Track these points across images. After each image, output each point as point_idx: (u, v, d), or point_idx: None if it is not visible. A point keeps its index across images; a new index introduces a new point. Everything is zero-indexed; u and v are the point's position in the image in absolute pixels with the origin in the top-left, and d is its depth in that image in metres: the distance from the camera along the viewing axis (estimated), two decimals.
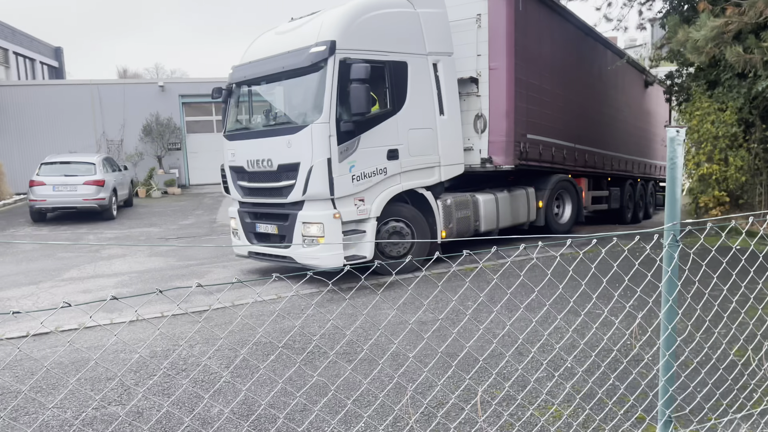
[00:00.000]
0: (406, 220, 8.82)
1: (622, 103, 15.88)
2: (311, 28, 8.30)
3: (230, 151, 9.21)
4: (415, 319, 6.24)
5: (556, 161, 11.71)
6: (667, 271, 2.88)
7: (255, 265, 10.09)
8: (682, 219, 2.86)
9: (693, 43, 8.54)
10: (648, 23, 17.95)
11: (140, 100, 24.25)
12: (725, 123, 12.30)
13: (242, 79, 9.17)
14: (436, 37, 9.08)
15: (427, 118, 8.93)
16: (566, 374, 4.48)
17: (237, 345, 5.83)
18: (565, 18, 12.29)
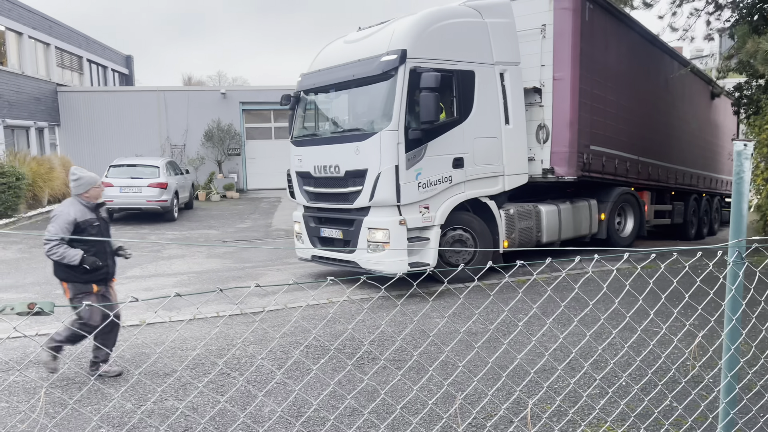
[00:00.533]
0: (469, 229, 8.84)
1: (688, 114, 15.34)
2: (381, 37, 8.41)
3: (297, 157, 9.41)
4: (465, 328, 6.21)
5: (618, 173, 11.47)
6: (731, 290, 2.79)
7: (309, 270, 10.27)
8: (748, 236, 2.77)
9: (763, 54, 8.19)
10: (716, 33, 17.31)
11: (203, 107, 25.13)
12: None
13: (311, 86, 9.38)
14: (503, 46, 9.12)
15: (493, 128, 8.97)
16: (620, 392, 4.38)
17: (290, 346, 5.95)
18: (631, 27, 12.03)
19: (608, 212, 11.36)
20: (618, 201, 11.70)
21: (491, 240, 9.01)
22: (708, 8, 16.14)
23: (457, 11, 8.79)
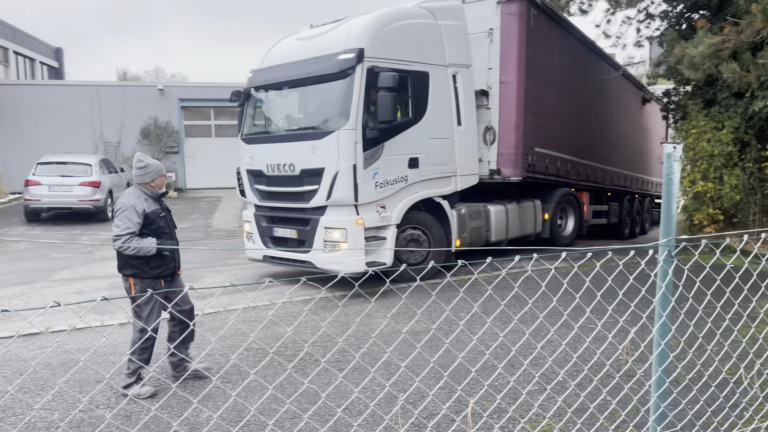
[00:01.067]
0: (424, 228, 8.91)
1: (623, 119, 16.00)
2: (338, 35, 8.36)
3: (248, 155, 9.18)
4: (407, 328, 6.22)
5: (561, 175, 11.83)
6: (661, 287, 2.88)
7: (253, 271, 10.06)
8: (676, 235, 2.86)
9: (690, 60, 8.59)
10: (646, 41, 18.08)
11: (139, 103, 24.24)
12: (721, 142, 12.36)
13: (263, 83, 9.19)
14: (456, 48, 9.24)
15: (446, 129, 9.08)
16: (558, 388, 4.47)
17: (228, 350, 5.79)
18: (571, 33, 12.45)
19: (551, 212, 11.71)
20: (560, 201, 12.06)
21: (444, 239, 9.10)
22: (639, 16, 16.85)
23: (412, 12, 8.84)
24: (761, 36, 8.10)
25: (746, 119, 12.68)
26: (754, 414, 3.95)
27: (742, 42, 8.24)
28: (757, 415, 3.94)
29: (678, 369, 4.20)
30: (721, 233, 3.32)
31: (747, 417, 3.90)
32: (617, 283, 3.27)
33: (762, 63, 8.05)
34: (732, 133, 12.51)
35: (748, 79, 8.43)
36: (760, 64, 8.09)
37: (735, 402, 4.07)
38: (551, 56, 11.36)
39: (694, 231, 13.15)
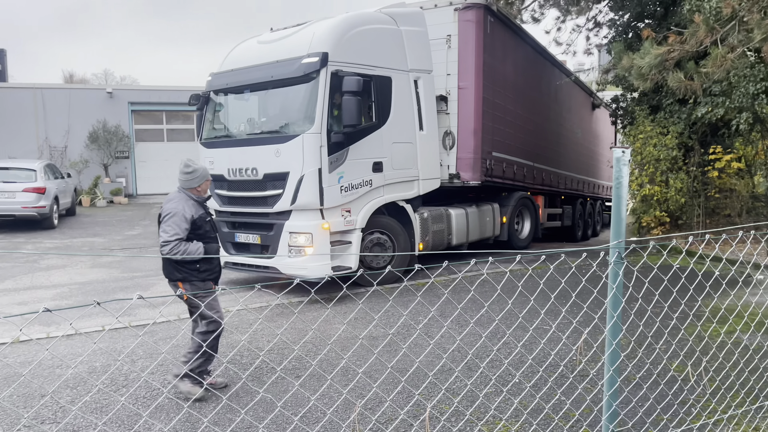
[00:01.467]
0: (388, 232, 8.92)
1: (574, 124, 16.45)
2: (301, 39, 8.30)
3: (208, 159, 8.99)
4: (365, 334, 6.19)
5: (517, 179, 12.09)
6: (612, 288, 2.94)
7: None
8: (626, 237, 2.93)
9: (638, 70, 8.85)
10: (595, 48, 18.63)
11: (87, 107, 23.48)
12: (666, 146, 12.82)
13: (223, 86, 9.03)
14: (417, 54, 9.32)
15: (409, 133, 9.14)
16: (515, 389, 4.52)
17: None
18: (525, 41, 12.75)
19: (509, 215, 11.94)
20: (517, 205, 12.31)
21: (409, 243, 9.14)
22: (588, 25, 17.34)
23: (375, 17, 8.89)
24: (704, 45, 8.42)
25: (690, 125, 13.18)
26: (701, 410, 4.08)
27: (686, 51, 8.54)
28: (705, 411, 4.07)
29: (629, 368, 4.31)
30: (667, 235, 3.42)
31: (695, 413, 4.03)
32: (571, 285, 3.33)
33: (705, 72, 8.36)
34: (676, 138, 13.00)
35: (693, 87, 8.74)
36: (704, 73, 8.41)
37: (683, 399, 4.20)
38: (507, 63, 11.60)
39: (642, 233, 13.57)
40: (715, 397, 4.21)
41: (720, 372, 4.52)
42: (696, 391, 4.41)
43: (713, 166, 13.17)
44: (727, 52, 8.15)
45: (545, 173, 13.70)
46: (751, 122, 11.76)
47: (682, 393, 4.26)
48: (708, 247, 9.35)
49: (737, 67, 9.03)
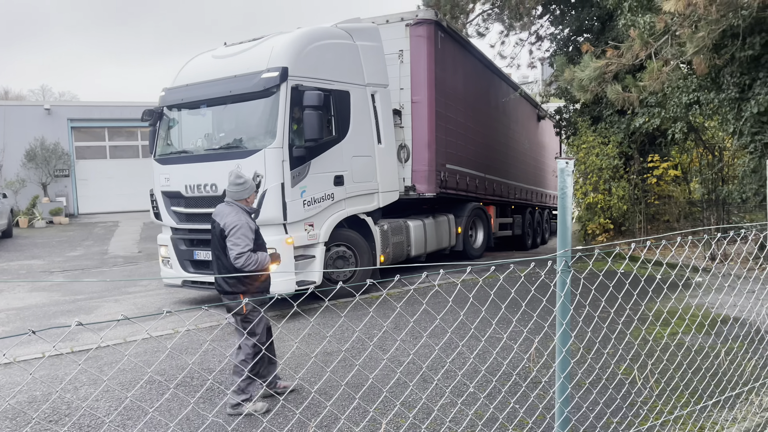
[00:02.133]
0: (350, 245, 8.93)
1: (521, 135, 16.91)
2: (259, 54, 8.28)
3: (163, 176, 8.80)
4: (318, 350, 6.12)
5: (470, 190, 12.38)
6: (560, 296, 3.00)
7: (152, 299, 9.55)
8: (572, 245, 3.00)
9: (579, 82, 9.16)
10: (538, 61, 19.19)
11: (23, 124, 22.57)
12: (608, 156, 13.28)
13: (178, 101, 8.87)
14: (373, 69, 9.45)
15: (368, 147, 9.24)
16: (469, 400, 4.54)
17: (129, 385, 5.44)
18: (474, 55, 13.11)
19: (464, 226, 12.21)
20: (471, 215, 12.60)
21: (371, 255, 9.19)
22: (530, 39, 17.85)
23: (332, 32, 8.96)
24: (640, 59, 8.78)
25: (629, 134, 13.70)
26: (648, 412, 4.19)
27: (623, 65, 8.89)
28: (652, 413, 4.18)
29: (579, 374, 4.39)
30: (611, 243, 3.53)
31: (643, 415, 4.14)
32: (521, 294, 3.38)
33: (642, 84, 8.72)
34: (617, 147, 13.49)
35: (630, 98, 9.09)
36: (640, 86, 8.76)
37: (631, 401, 4.31)
38: (457, 77, 11.88)
39: (588, 240, 13.97)
40: (661, 399, 4.34)
41: (665, 374, 4.66)
42: (643, 394, 4.53)
43: (652, 174, 13.71)
44: (661, 65, 8.51)
45: (496, 184, 14.03)
46: (685, 131, 12.31)
47: (630, 396, 4.37)
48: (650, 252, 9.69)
49: (671, 79, 9.45)
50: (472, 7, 15.59)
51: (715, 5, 7.47)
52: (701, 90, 10.65)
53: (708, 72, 9.80)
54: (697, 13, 7.70)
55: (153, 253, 15.12)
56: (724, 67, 9.85)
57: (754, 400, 4.31)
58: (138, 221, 20.24)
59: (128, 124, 24.13)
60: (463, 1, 14.91)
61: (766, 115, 9.33)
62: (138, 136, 24.68)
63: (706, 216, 13.01)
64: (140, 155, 24.38)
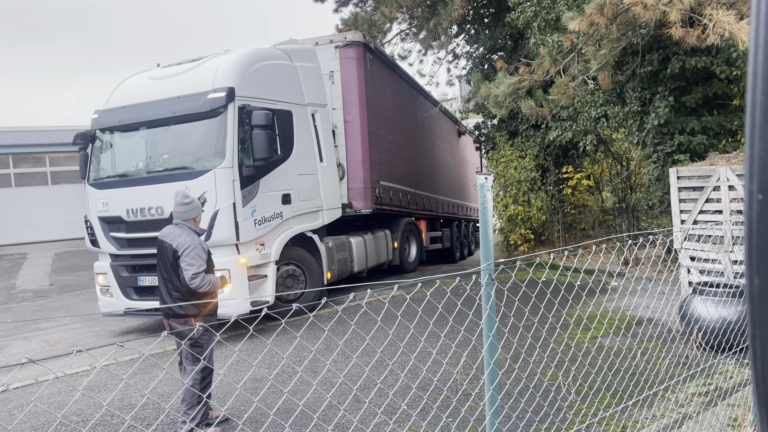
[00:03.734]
0: (299, 263, 8.94)
1: (445, 151, 17.45)
2: (203, 74, 8.23)
3: (101, 201, 8.48)
4: (246, 378, 5.94)
5: (403, 205, 12.71)
6: (486, 309, 3.05)
7: (66, 334, 8.98)
8: (495, 256, 3.06)
9: (494, 98, 9.49)
10: (456, 79, 19.76)
11: None
12: (525, 168, 13.79)
13: (116, 124, 8.62)
14: (312, 89, 9.63)
15: (311, 165, 9.37)
16: (402, 418, 4.53)
17: (42, 428, 5.08)
18: (399, 75, 13.58)
19: (399, 240, 12.55)
20: (405, 230, 12.96)
21: (320, 273, 9.26)
22: (448, 57, 18.36)
23: (272, 53, 9.06)
24: (550, 75, 9.21)
25: (544, 148, 14.30)
26: (574, 416, 4.32)
27: (534, 81, 9.29)
28: (577, 417, 4.32)
29: (507, 384, 4.48)
30: (532, 253, 3.63)
31: (569, 420, 4.27)
32: (449, 308, 3.42)
33: (552, 99, 9.13)
34: (533, 160, 14.04)
35: (543, 113, 9.51)
36: (551, 100, 9.18)
37: (558, 406, 4.44)
38: (386, 96, 12.26)
39: (510, 250, 14.40)
40: (585, 402, 4.49)
41: (587, 377, 4.84)
42: (568, 399, 4.68)
43: (567, 185, 14.35)
44: (569, 81, 8.95)
45: (425, 199, 14.49)
46: (595, 143, 12.99)
47: (557, 402, 4.50)
48: (568, 260, 10.09)
49: (579, 94, 9.96)
50: (389, 27, 15.88)
51: (615, 24, 7.96)
52: (608, 104, 11.29)
53: (613, 87, 10.41)
54: (599, 31, 8.18)
55: (66, 285, 14.28)
56: (626, 83, 10.49)
57: (670, 398, 4.54)
58: (49, 252, 19.10)
59: (35, 150, 22.82)
60: (380, 21, 15.16)
61: (666, 126, 10.00)
62: (46, 162, 23.37)
63: (618, 223, 13.72)
64: (49, 182, 23.09)
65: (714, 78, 9.85)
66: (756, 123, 0.64)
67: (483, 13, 16.59)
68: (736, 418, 3.97)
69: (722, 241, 6.49)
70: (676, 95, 9.91)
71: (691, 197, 6.93)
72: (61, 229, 22.96)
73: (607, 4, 7.54)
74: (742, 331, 5.11)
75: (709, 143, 9.91)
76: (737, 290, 5.44)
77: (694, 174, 6.94)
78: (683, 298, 6.10)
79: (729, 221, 6.31)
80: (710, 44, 7.12)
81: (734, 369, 5.09)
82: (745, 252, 0.69)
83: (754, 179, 0.65)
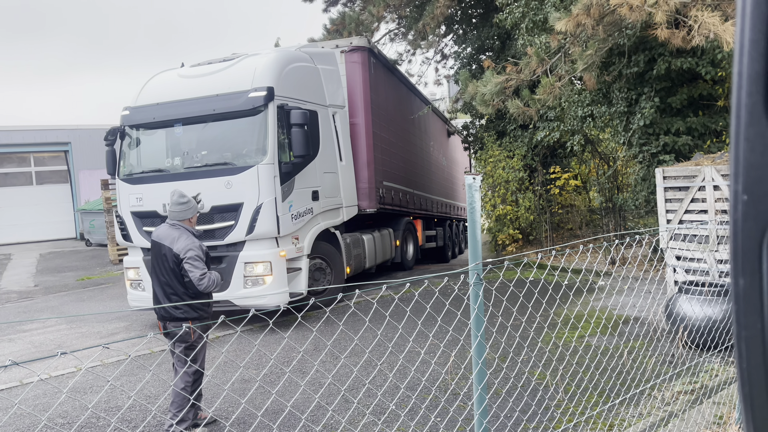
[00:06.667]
0: (325, 257, 9.23)
1: (438, 151, 17.64)
2: (241, 73, 8.49)
3: (135, 196, 8.65)
4: (234, 379, 5.91)
5: (402, 205, 12.93)
6: (474, 309, 3.06)
7: (52, 335, 8.89)
8: (483, 255, 3.07)
9: (481, 97, 9.51)
10: (444, 79, 19.79)
11: None
12: (513, 168, 13.85)
13: (150, 120, 8.79)
14: (332, 91, 9.97)
15: (333, 163, 9.69)
16: (390, 418, 4.53)
17: (27, 430, 5.02)
18: (398, 78, 13.81)
19: (401, 239, 12.88)
20: (405, 229, 13.24)
21: (343, 267, 9.60)
22: (436, 57, 18.39)
23: (299, 56, 9.41)
24: (537, 75, 9.25)
25: (532, 148, 14.37)
26: (562, 415, 4.34)
27: (522, 80, 9.32)
28: (565, 416, 4.34)
29: (495, 383, 4.50)
30: (520, 253, 3.64)
31: (557, 419, 4.28)
32: (437, 308, 3.42)
33: (539, 98, 9.17)
34: (521, 160, 14.10)
35: (530, 113, 9.54)
36: (538, 100, 9.21)
37: (546, 406, 4.46)
38: (388, 98, 12.48)
39: (498, 250, 14.45)
40: (572, 401, 4.51)
41: (575, 376, 4.86)
42: (556, 398, 4.70)
43: (554, 185, 14.42)
44: (555, 81, 9.00)
45: (422, 199, 14.70)
46: (582, 143, 13.07)
47: (544, 401, 4.51)
48: (556, 260, 10.15)
49: (565, 94, 10.01)
50: (377, 26, 15.87)
51: (602, 25, 8.01)
52: (594, 104, 11.36)
53: (599, 87, 10.48)
54: (586, 32, 8.22)
55: (51, 286, 14.13)
56: (613, 83, 10.56)
57: (656, 396, 4.57)
58: (34, 252, 18.89)
59: (19, 150, 22.59)
60: (368, 21, 15.16)
61: (652, 127, 10.08)
62: (31, 161, 23.14)
63: (605, 223, 13.81)
64: (34, 182, 22.86)
65: (699, 79, 9.94)
66: (741, 124, 0.65)
67: (471, 13, 16.64)
68: (721, 416, 4.01)
69: (707, 241, 6.55)
70: (662, 96, 9.99)
71: (676, 197, 6.99)
72: (46, 230, 22.74)
73: (593, 5, 7.59)
74: (727, 329, 5.16)
75: (694, 144, 10.00)
76: (722, 289, 5.50)
77: (679, 174, 7.00)
78: (669, 297, 6.15)
79: (714, 221, 6.37)
80: (695, 45, 7.19)
81: (719, 367, 5.14)
82: (730, 252, 0.70)
83: (739, 180, 0.66)
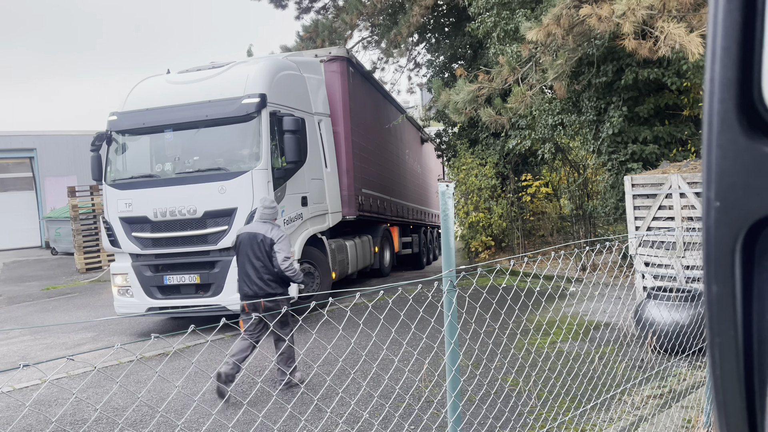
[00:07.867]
0: (313, 262, 9.28)
1: (412, 159, 17.73)
2: (233, 80, 8.55)
3: (123, 201, 8.54)
4: (205, 389, 5.81)
5: (380, 212, 13.03)
6: (447, 315, 3.05)
7: (14, 347, 8.63)
8: (457, 260, 3.07)
9: (454, 105, 9.57)
10: (417, 87, 19.91)
11: None
12: (486, 176, 13.97)
13: (139, 126, 8.71)
14: (318, 99, 10.10)
15: (319, 170, 9.79)
16: (364, 427, 4.50)
17: None
18: (373, 85, 13.90)
19: (379, 245, 12.98)
20: (382, 236, 13.36)
21: (329, 271, 9.67)
22: (409, 65, 18.49)
23: (287, 64, 9.50)
24: (508, 83, 9.35)
25: (504, 155, 14.52)
26: (534, 421, 4.37)
27: (494, 89, 9.41)
28: (537, 422, 4.36)
29: (469, 390, 4.50)
30: (493, 260, 3.67)
31: (529, 425, 4.30)
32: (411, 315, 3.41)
33: (511, 107, 9.27)
34: (494, 168, 14.23)
35: (502, 121, 9.63)
36: (509, 108, 9.31)
37: (518, 412, 4.47)
38: (365, 107, 12.58)
39: (471, 257, 14.53)
40: (545, 407, 4.54)
41: (547, 382, 4.89)
42: (528, 404, 4.72)
43: (526, 192, 14.58)
44: (527, 89, 9.11)
45: (398, 206, 14.78)
46: (553, 151, 13.25)
47: (517, 407, 4.53)
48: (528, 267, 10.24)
49: (536, 103, 10.14)
50: (350, 34, 15.88)
51: (571, 35, 8.14)
52: (565, 113, 11.53)
53: (569, 96, 10.64)
54: (556, 42, 8.35)
55: (15, 296, 13.76)
56: (582, 92, 10.74)
57: (627, 400, 4.63)
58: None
59: None
60: (341, 28, 15.16)
61: (620, 135, 10.27)
62: None
63: (575, 230, 14.00)
64: None
65: (665, 89, 10.17)
66: (713, 131, 0.65)
67: (443, 22, 16.77)
68: (689, 419, 4.07)
69: (675, 247, 6.68)
70: (630, 105, 10.19)
71: (644, 204, 7.12)
72: (9, 238, 22.15)
73: (563, 15, 7.71)
74: (694, 334, 5.26)
75: (661, 152, 10.21)
76: (689, 294, 5.61)
77: (647, 182, 7.13)
78: (638, 303, 6.24)
79: (681, 227, 6.51)
80: (662, 56, 7.34)
81: (687, 371, 5.23)
82: (703, 259, 0.70)
83: (712, 186, 0.66)
